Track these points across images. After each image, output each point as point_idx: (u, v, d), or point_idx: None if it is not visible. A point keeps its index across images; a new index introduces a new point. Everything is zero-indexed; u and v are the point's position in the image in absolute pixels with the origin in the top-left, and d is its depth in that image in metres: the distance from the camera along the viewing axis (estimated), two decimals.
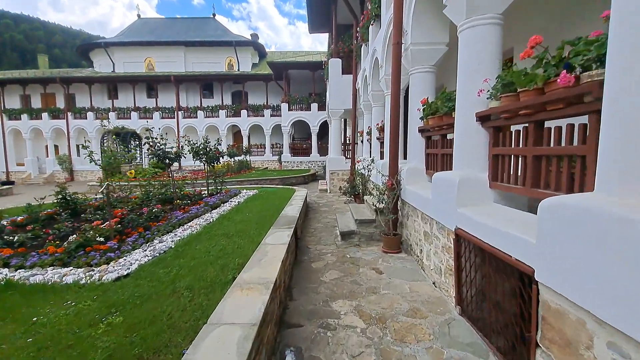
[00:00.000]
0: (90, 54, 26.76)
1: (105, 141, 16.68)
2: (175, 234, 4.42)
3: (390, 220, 4.79)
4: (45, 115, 24.41)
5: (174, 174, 15.82)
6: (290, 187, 11.53)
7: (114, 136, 16.86)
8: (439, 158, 4.14)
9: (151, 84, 25.17)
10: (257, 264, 3.02)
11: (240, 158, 19.23)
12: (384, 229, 5.01)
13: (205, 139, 7.72)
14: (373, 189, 7.36)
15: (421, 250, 4.12)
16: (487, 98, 2.76)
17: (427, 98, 4.39)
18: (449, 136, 4.01)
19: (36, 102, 25.57)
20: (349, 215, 6.41)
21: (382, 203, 5.06)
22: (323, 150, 22.08)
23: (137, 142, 18.04)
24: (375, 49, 7.11)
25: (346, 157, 11.84)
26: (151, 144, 6.29)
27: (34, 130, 24.57)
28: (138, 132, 18.37)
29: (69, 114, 24.52)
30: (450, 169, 3.75)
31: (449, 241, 3.20)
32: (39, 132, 24.83)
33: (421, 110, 4.55)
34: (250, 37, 27.78)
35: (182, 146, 6.93)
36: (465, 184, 2.92)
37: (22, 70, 27.26)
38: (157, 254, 3.63)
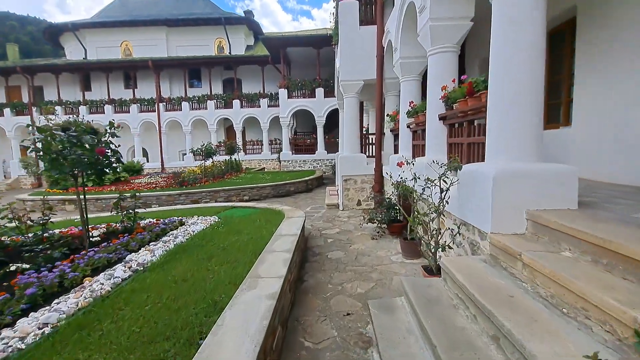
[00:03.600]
0: (61, 39, 23.18)
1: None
2: None
3: None
4: (7, 111, 20.98)
5: (136, 181, 11.94)
6: (283, 202, 7.61)
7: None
8: None
9: (128, 72, 21.45)
10: None
11: (227, 157, 15.30)
12: None
13: (66, 127, 3.73)
14: (452, 232, 3.30)
15: None
16: None
17: None
18: None
19: None
20: (410, 325, 2.36)
21: None
22: (331, 147, 18.03)
23: (96, 140, 14.24)
24: None
25: (367, 156, 7.79)
26: None
27: None
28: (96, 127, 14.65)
29: (34, 109, 21.03)
30: None
31: None
32: (2, 131, 21.49)
33: None
34: (243, 15, 23.70)
35: None
36: None
37: None
38: None
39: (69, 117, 3.89)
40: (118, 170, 4.13)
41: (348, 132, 7.72)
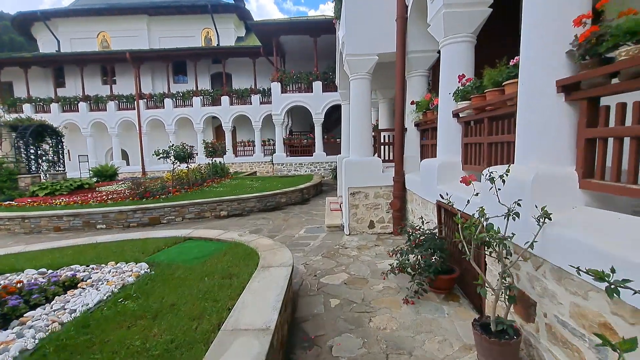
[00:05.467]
0: (32, 30, 21.06)
1: None
2: None
3: None
4: None
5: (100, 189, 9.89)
6: (270, 220, 5.65)
7: (10, 131, 10.96)
8: None
9: (105, 65, 19.32)
10: None
11: (212, 160, 13.21)
12: None
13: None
14: None
15: None
16: None
17: None
18: None
19: None
20: None
21: None
22: (331, 148, 15.97)
23: (56, 140, 12.18)
24: None
25: (383, 160, 5.72)
26: None
27: None
28: (57, 126, 12.49)
29: (1, 107, 18.84)
30: None
31: None
32: None
33: None
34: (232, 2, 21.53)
35: None
36: None
37: None
38: None
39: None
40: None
41: (356, 127, 5.65)
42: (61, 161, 12.22)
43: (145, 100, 18.63)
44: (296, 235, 5.73)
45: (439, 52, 5.14)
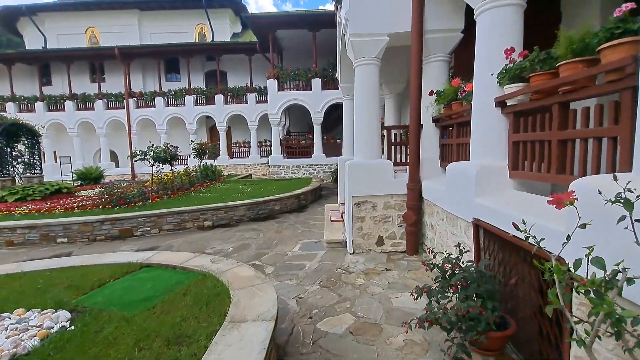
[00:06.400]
0: (19, 26, 20.13)
1: None
2: None
3: None
4: None
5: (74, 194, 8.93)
6: (260, 232, 4.74)
7: None
8: None
9: (94, 62, 18.38)
10: None
11: (206, 162, 12.28)
12: None
13: None
14: None
15: None
16: None
17: None
18: None
19: None
20: None
21: None
22: (331, 149, 15.01)
23: (33, 141, 11.21)
24: None
25: (394, 163, 4.77)
26: None
27: None
28: (36, 125, 11.54)
29: None
30: None
31: None
32: None
33: None
34: None
35: None
36: None
37: None
38: None
39: None
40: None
41: (362, 122, 4.69)
42: (37, 163, 11.24)
43: (135, 98, 17.68)
44: (289, 253, 4.77)
45: (463, 31, 4.27)
